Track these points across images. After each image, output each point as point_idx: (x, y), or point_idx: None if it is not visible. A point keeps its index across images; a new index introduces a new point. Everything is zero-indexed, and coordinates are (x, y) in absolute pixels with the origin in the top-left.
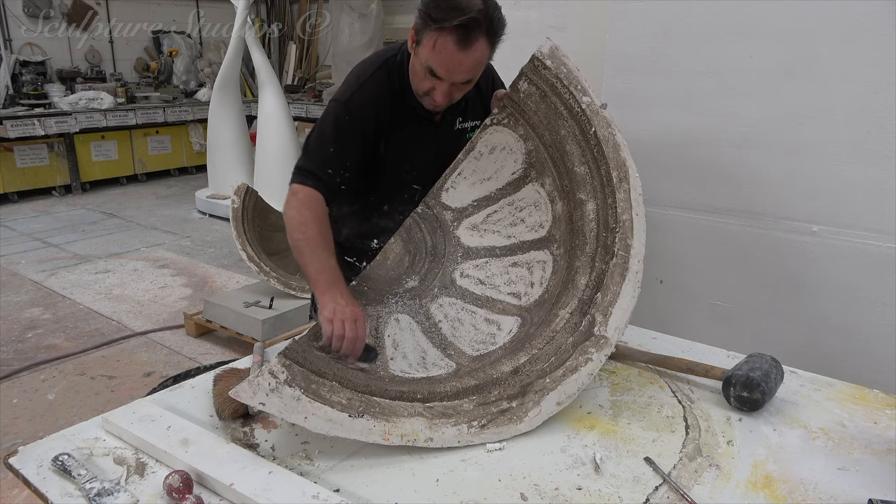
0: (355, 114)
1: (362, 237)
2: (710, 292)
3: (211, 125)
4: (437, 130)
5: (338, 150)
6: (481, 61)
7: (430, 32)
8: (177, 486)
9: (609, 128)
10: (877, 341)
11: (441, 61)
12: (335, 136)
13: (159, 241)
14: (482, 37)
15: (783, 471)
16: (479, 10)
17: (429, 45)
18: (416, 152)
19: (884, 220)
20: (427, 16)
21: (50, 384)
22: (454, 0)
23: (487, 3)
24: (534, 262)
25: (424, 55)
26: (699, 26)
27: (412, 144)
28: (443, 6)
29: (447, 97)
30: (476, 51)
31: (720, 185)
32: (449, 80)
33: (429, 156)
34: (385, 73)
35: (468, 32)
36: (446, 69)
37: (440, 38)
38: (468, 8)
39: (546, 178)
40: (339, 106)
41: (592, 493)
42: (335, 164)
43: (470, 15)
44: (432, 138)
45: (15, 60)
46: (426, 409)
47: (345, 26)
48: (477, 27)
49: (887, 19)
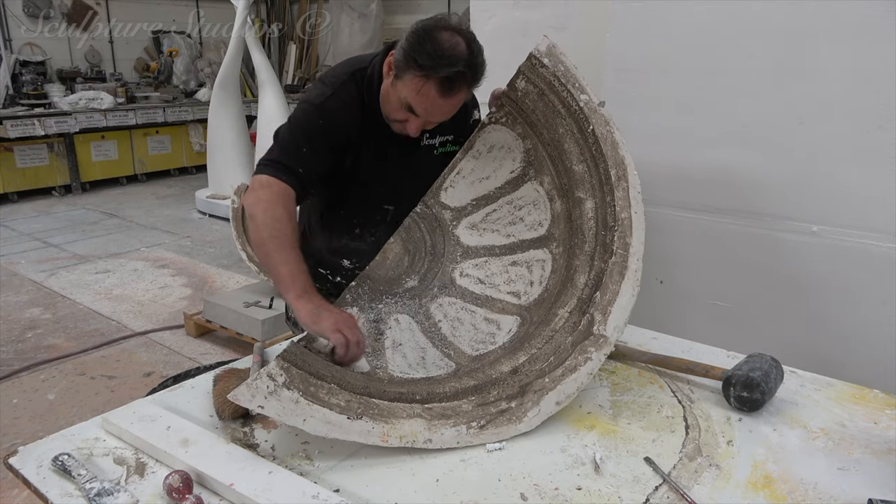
0: (327, 119)
1: (332, 254)
2: (710, 292)
3: (211, 125)
4: (406, 146)
5: (310, 151)
6: (459, 104)
7: (413, 76)
8: (177, 486)
9: (607, 125)
10: (877, 341)
11: (422, 104)
12: (307, 138)
13: (159, 241)
14: (465, 86)
15: (783, 471)
16: (465, 62)
17: (411, 86)
18: (384, 168)
19: (884, 220)
20: (412, 59)
21: (50, 384)
22: (441, 47)
23: (472, 47)
24: (533, 261)
25: (405, 93)
26: (699, 26)
27: (380, 159)
28: (430, 53)
29: (419, 131)
30: (457, 98)
31: (720, 185)
32: (426, 119)
33: (396, 172)
34: (353, 84)
35: (453, 84)
36: (426, 111)
37: (425, 85)
38: (455, 58)
39: (545, 177)
40: (312, 108)
41: (592, 493)
42: (307, 164)
43: (457, 69)
44: (400, 155)
45: (15, 60)
46: (425, 411)
47: (345, 26)
48: (462, 79)
49: (887, 19)
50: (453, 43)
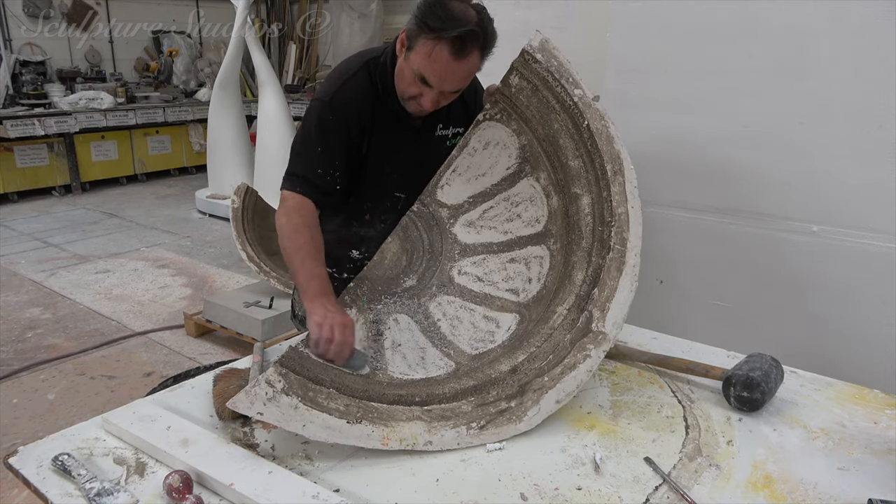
0: (338, 112)
1: (342, 244)
2: (710, 292)
3: (211, 125)
4: (418, 136)
5: (325, 149)
6: (473, 72)
7: (425, 40)
8: (177, 486)
9: (602, 120)
10: (877, 341)
11: (435, 70)
12: (320, 136)
13: (159, 240)
14: (476, 49)
15: (783, 471)
16: (476, 23)
17: (423, 52)
18: (397, 156)
19: (884, 220)
20: (423, 24)
21: (50, 384)
22: (452, 10)
23: (482, 15)
24: (531, 258)
25: (417, 62)
26: (699, 26)
27: (392, 148)
28: (440, 16)
29: (434, 104)
30: (469, 62)
31: (720, 185)
32: (439, 88)
33: (409, 161)
34: (366, 73)
35: (465, 44)
36: (439, 77)
37: (437, 47)
38: (466, 19)
39: (541, 173)
40: (321, 105)
41: (592, 493)
42: (323, 163)
43: (468, 27)
44: (412, 143)
45: (15, 60)
46: (424, 413)
47: (345, 26)
48: (474, 39)
49: (887, 19)
50: (463, 8)
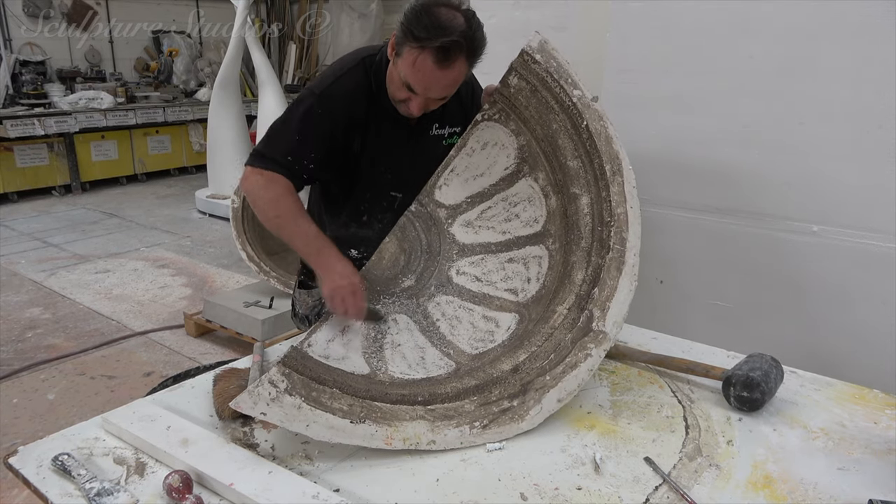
0: (328, 106)
1: (340, 244)
2: (710, 292)
3: (211, 125)
4: (413, 134)
5: (302, 140)
6: (458, 80)
7: (410, 48)
8: (177, 486)
9: (601, 120)
10: (877, 341)
11: (419, 78)
12: (301, 127)
13: (159, 240)
14: (462, 57)
15: (783, 471)
16: (462, 32)
17: (408, 60)
18: (391, 155)
19: (884, 220)
20: (409, 32)
21: (50, 384)
22: (438, 19)
23: (470, 21)
24: (530, 258)
25: (403, 69)
26: (699, 26)
27: (387, 146)
28: (426, 24)
29: (421, 109)
30: (454, 70)
31: (720, 185)
32: (424, 95)
33: (404, 160)
34: (362, 70)
35: (448, 53)
36: (423, 86)
37: (420, 56)
38: (451, 28)
39: (539, 173)
40: (312, 97)
41: (592, 492)
42: (296, 152)
43: (452, 37)
44: (407, 142)
45: (15, 60)
46: (427, 412)
47: (345, 26)
48: (458, 49)
49: (887, 19)
50: (451, 16)
